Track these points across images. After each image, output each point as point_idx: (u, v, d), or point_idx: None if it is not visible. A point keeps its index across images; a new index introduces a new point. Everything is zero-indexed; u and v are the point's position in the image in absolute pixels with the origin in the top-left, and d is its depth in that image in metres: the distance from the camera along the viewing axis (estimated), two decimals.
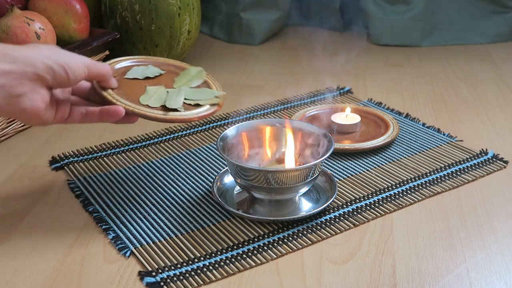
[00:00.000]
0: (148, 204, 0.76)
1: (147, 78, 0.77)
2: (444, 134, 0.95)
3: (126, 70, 0.78)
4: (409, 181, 0.81)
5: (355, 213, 0.73)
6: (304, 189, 0.73)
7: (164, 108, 0.71)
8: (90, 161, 0.87)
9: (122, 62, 0.80)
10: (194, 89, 0.77)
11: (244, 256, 0.65)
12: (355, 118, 0.94)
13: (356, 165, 0.85)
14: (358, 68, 1.29)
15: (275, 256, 0.66)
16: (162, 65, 0.81)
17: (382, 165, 0.85)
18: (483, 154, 0.88)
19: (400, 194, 0.77)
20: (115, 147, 0.91)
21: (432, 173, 0.82)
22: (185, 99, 0.74)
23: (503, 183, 0.81)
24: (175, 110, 0.72)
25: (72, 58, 0.64)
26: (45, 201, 0.77)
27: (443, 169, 0.84)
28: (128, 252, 0.66)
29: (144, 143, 0.93)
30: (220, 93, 0.76)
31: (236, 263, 0.64)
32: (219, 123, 1.00)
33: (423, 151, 0.89)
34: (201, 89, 0.77)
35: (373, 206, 0.75)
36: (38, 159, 0.88)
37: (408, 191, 0.78)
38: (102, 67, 0.69)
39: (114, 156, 0.89)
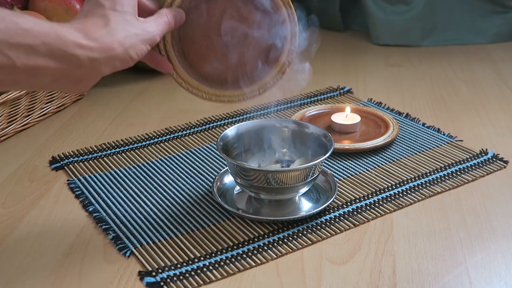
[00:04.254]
0: (148, 204, 0.76)
1: None
2: (444, 134, 0.95)
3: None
4: (409, 181, 0.81)
5: (355, 213, 0.73)
6: (304, 189, 0.73)
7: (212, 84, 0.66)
8: (90, 161, 0.87)
9: None
10: None
11: (244, 256, 0.65)
12: (355, 118, 0.94)
13: (356, 165, 0.85)
14: (358, 68, 1.29)
15: (275, 256, 0.65)
16: None
17: (382, 165, 0.85)
18: (483, 154, 0.88)
19: (400, 194, 0.77)
20: (115, 147, 0.91)
21: (432, 173, 0.82)
22: None
23: (503, 183, 0.81)
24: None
25: (137, 39, 0.57)
26: (45, 201, 0.77)
27: (443, 169, 0.84)
28: (128, 252, 0.66)
29: (144, 143, 0.93)
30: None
31: (236, 263, 0.64)
32: (219, 123, 1.00)
33: (423, 151, 0.89)
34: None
35: (373, 206, 0.75)
36: (38, 159, 0.88)
37: (408, 191, 0.78)
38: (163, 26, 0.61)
39: (114, 156, 0.89)
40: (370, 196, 0.77)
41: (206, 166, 0.86)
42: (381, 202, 0.76)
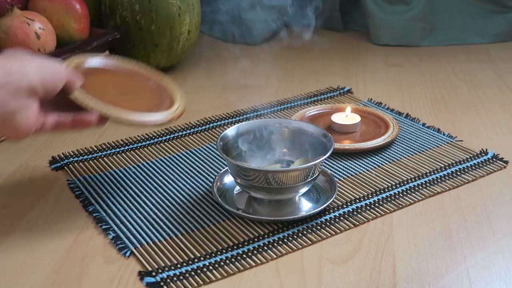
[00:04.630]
0: (148, 204, 0.76)
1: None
2: (444, 134, 0.95)
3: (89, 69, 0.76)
4: (409, 181, 0.81)
5: (355, 213, 0.73)
6: (304, 189, 0.73)
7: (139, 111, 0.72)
8: (90, 161, 0.87)
9: (90, 59, 0.77)
10: None
11: (244, 256, 0.65)
12: (355, 118, 0.94)
13: (356, 165, 0.85)
14: (358, 68, 1.29)
15: (275, 256, 0.66)
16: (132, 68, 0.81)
17: (382, 165, 0.85)
18: (483, 154, 0.88)
19: (400, 194, 0.77)
20: (115, 147, 0.91)
21: (432, 173, 0.82)
22: None
23: (503, 183, 0.81)
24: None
25: (53, 66, 0.63)
26: (45, 201, 0.77)
27: (443, 169, 0.84)
28: (128, 252, 0.66)
29: (144, 143, 0.93)
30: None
31: (236, 263, 0.64)
32: (219, 123, 1.00)
33: (423, 151, 0.89)
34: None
35: (373, 206, 0.75)
36: (38, 159, 0.88)
37: (408, 191, 0.78)
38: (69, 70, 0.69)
39: (114, 156, 0.89)
40: (370, 196, 0.77)
41: (206, 166, 0.86)
42: (381, 202, 0.76)
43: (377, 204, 0.75)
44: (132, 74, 0.80)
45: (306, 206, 0.75)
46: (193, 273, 0.62)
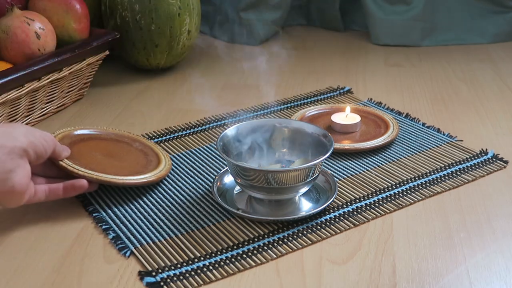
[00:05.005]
0: (148, 204, 0.76)
1: (96, 139, 0.83)
2: (444, 134, 0.95)
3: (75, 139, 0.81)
4: (409, 181, 0.81)
5: (355, 213, 0.73)
6: (304, 189, 0.73)
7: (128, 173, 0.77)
8: None
9: (78, 131, 0.83)
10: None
11: (244, 256, 0.65)
12: (355, 118, 0.94)
13: (356, 165, 0.85)
14: (358, 68, 1.29)
15: (275, 256, 0.66)
16: (120, 137, 0.86)
17: (382, 165, 0.85)
18: (483, 154, 0.88)
19: (400, 194, 0.77)
20: None
21: (432, 173, 0.82)
22: None
23: (503, 183, 0.81)
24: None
25: (42, 133, 0.67)
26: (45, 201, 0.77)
27: (443, 169, 0.84)
28: (128, 252, 0.66)
29: None
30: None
31: (236, 263, 0.64)
32: (219, 123, 1.00)
33: (423, 151, 0.89)
34: None
35: (373, 206, 0.75)
36: None
37: (408, 191, 0.78)
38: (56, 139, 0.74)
39: None
40: (370, 196, 0.77)
41: (206, 166, 0.86)
42: (381, 202, 0.76)
43: (377, 204, 0.75)
44: (118, 137, 0.86)
45: (306, 206, 0.75)
46: (193, 273, 0.62)
